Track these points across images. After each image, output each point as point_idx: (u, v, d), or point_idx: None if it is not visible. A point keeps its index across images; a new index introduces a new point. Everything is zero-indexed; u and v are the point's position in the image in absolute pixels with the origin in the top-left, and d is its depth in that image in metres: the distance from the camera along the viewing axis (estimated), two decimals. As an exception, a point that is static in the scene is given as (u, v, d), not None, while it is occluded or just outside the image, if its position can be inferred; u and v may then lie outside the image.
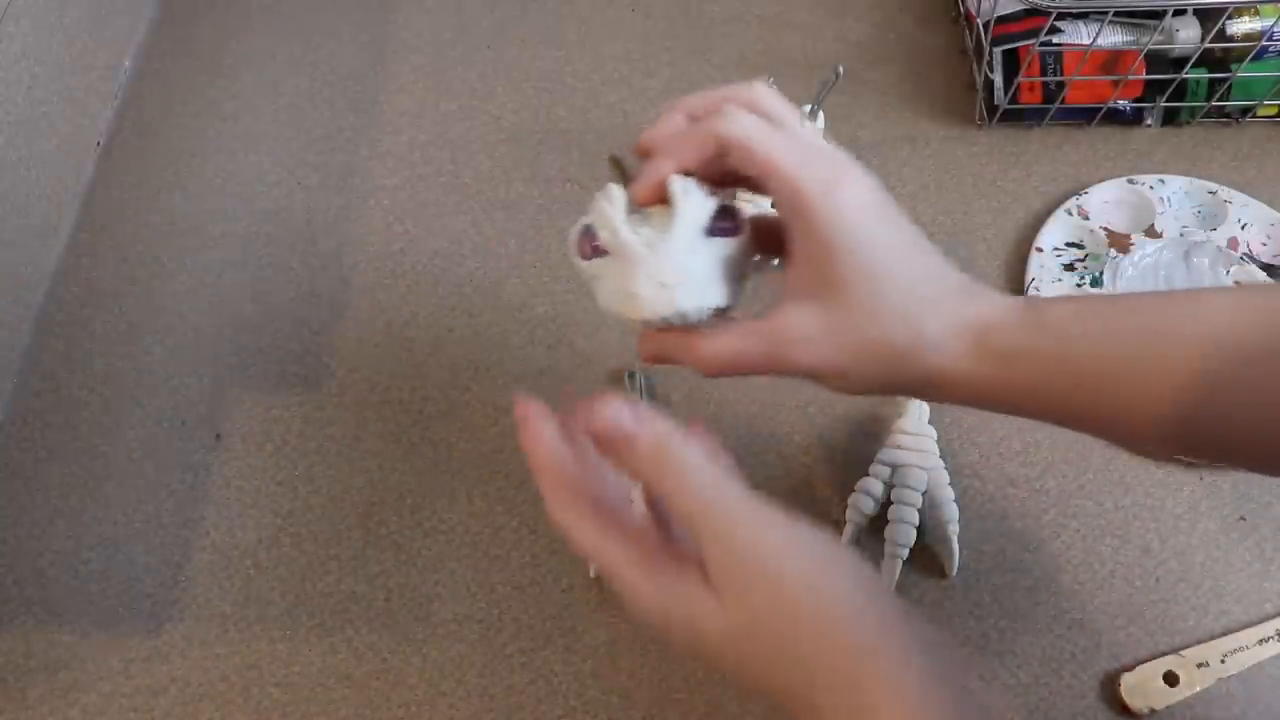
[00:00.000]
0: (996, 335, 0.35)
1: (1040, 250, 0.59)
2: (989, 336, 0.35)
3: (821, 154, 0.35)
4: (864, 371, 0.35)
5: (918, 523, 0.50)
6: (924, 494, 0.51)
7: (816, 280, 0.35)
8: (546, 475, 0.35)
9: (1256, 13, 0.58)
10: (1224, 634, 0.48)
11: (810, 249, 0.35)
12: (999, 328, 0.35)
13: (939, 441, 0.52)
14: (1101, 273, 0.57)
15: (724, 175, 0.36)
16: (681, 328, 0.37)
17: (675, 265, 0.36)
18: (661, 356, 0.38)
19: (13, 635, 0.52)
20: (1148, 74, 0.60)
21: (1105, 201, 0.61)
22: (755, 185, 0.37)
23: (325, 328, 0.60)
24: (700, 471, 0.32)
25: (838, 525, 0.51)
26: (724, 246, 0.36)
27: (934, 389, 0.36)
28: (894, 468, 0.51)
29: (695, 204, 0.36)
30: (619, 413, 0.33)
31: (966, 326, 0.35)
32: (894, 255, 0.35)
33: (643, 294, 0.36)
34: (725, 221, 0.36)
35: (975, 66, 0.65)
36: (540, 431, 0.35)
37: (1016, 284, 0.59)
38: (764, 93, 0.36)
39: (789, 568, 0.31)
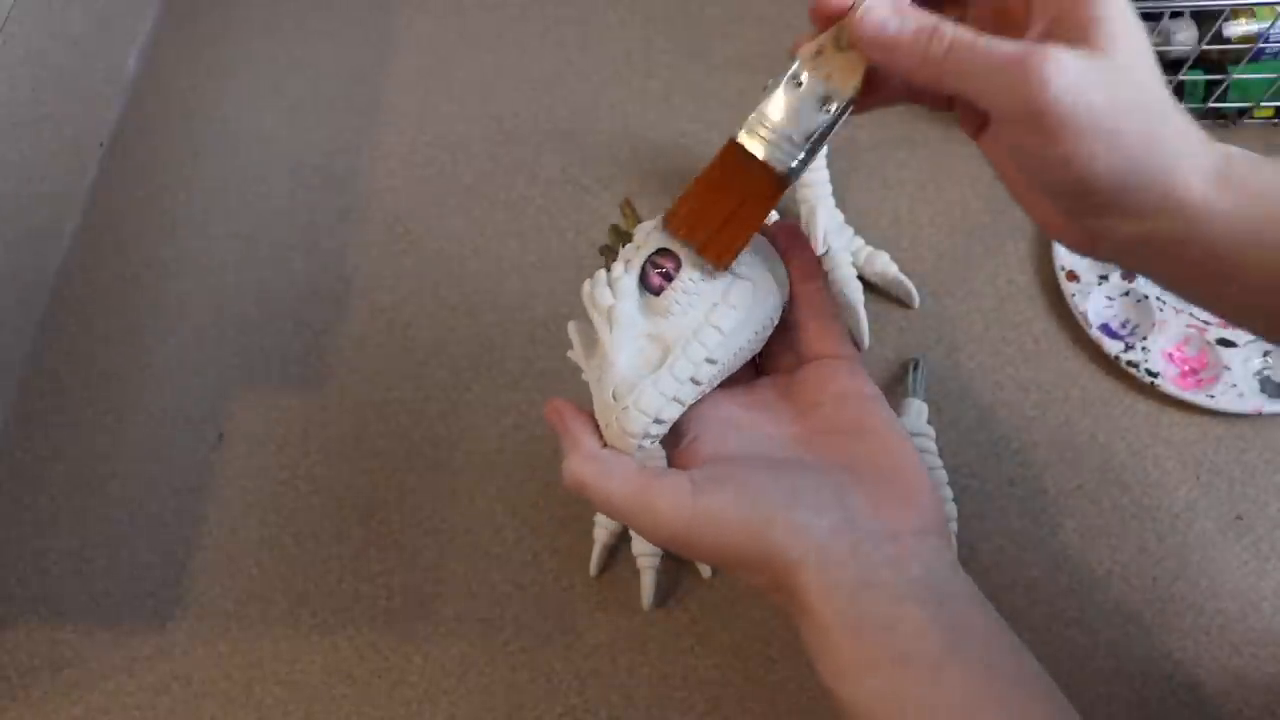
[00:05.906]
0: (1239, 163, 0.29)
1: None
2: (1231, 162, 0.29)
3: None
4: (1122, 141, 0.28)
5: (916, 522, 0.50)
6: (922, 493, 0.51)
7: (1071, 26, 0.28)
8: None
9: (1253, 15, 0.59)
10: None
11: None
12: (1239, 157, 0.29)
13: (937, 441, 0.53)
14: (1102, 273, 0.58)
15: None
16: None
17: (609, 394, 0.32)
18: None
19: (16, 633, 0.52)
20: (1145, 75, 0.61)
21: (1103, 202, 0.61)
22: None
23: (327, 328, 0.60)
24: None
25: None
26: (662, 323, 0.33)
27: (1169, 199, 0.29)
28: (892, 467, 0.51)
29: (619, 292, 0.32)
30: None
31: (1207, 145, 0.29)
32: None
33: (602, 420, 0.33)
34: (665, 265, 0.33)
35: (974, 68, 0.65)
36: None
37: (1014, 284, 0.59)
38: None
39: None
